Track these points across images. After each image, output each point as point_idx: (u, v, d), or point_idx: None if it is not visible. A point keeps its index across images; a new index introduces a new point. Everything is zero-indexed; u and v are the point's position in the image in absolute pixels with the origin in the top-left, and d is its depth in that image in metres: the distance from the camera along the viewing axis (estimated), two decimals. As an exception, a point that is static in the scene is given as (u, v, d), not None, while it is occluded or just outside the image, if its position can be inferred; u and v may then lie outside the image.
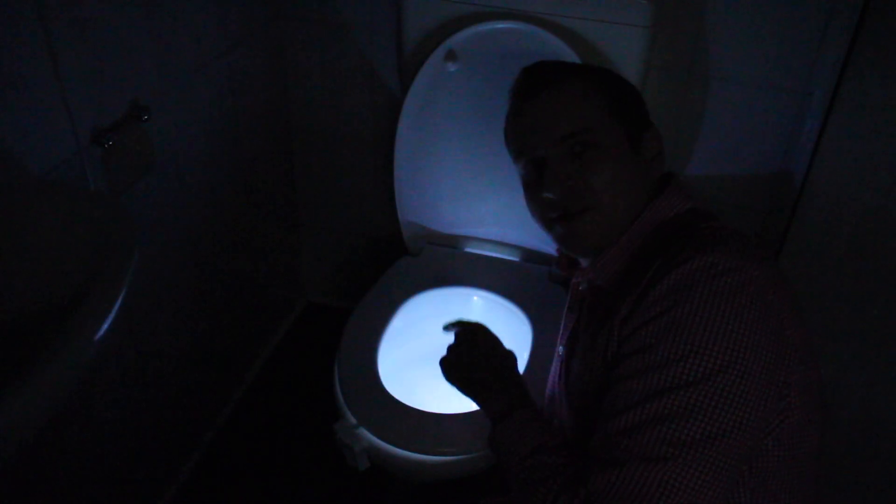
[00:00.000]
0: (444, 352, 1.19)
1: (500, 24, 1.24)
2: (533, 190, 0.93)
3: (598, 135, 0.88)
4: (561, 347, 1.02)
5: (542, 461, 0.86)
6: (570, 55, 1.21)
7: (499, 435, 0.95)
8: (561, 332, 1.05)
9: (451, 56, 1.27)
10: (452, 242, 1.50)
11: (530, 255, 1.46)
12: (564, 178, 0.88)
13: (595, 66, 0.98)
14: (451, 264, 1.44)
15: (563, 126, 0.89)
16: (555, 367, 1.06)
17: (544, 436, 0.90)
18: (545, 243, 1.42)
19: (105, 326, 0.70)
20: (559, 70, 0.94)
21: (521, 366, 1.18)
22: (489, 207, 1.44)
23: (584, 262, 0.97)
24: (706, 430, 0.73)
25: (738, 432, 0.74)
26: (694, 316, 0.75)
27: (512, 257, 1.47)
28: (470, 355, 1.06)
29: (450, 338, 1.13)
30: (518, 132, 0.94)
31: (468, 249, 1.49)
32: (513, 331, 1.32)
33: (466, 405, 1.12)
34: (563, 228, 0.91)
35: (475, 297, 1.39)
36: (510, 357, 1.08)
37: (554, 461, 0.86)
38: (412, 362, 1.31)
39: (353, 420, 1.09)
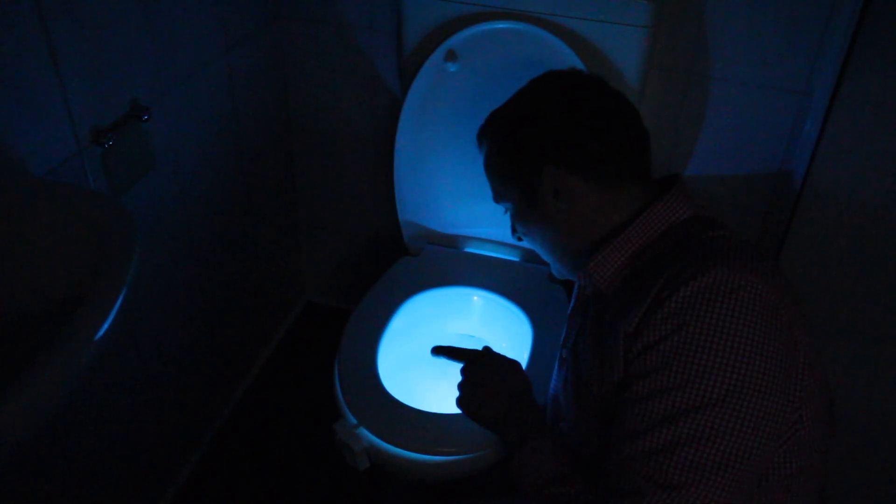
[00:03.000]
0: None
1: (500, 24, 1.24)
2: None
3: (505, 197, 1.01)
4: (564, 350, 1.02)
5: (558, 492, 0.86)
6: (569, 55, 1.21)
7: (515, 464, 0.95)
8: (564, 335, 1.05)
9: (451, 56, 1.27)
10: (452, 242, 1.50)
11: (530, 255, 1.46)
12: (514, 227, 1.04)
13: (507, 107, 1.00)
14: (451, 264, 1.44)
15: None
16: (557, 370, 1.05)
17: (559, 464, 0.90)
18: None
19: (105, 326, 0.70)
20: (482, 132, 1.03)
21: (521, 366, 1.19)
22: (489, 207, 1.43)
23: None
24: (725, 452, 0.73)
25: (756, 452, 0.74)
26: (705, 336, 0.74)
27: (512, 257, 1.47)
28: (476, 393, 1.05)
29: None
30: None
31: (468, 249, 1.49)
32: (513, 331, 1.32)
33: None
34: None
35: (475, 297, 1.39)
36: (516, 375, 1.07)
37: (568, 491, 0.86)
38: (412, 362, 1.31)
39: (353, 420, 1.09)
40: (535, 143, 0.92)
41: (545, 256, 1.02)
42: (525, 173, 0.93)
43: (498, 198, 1.03)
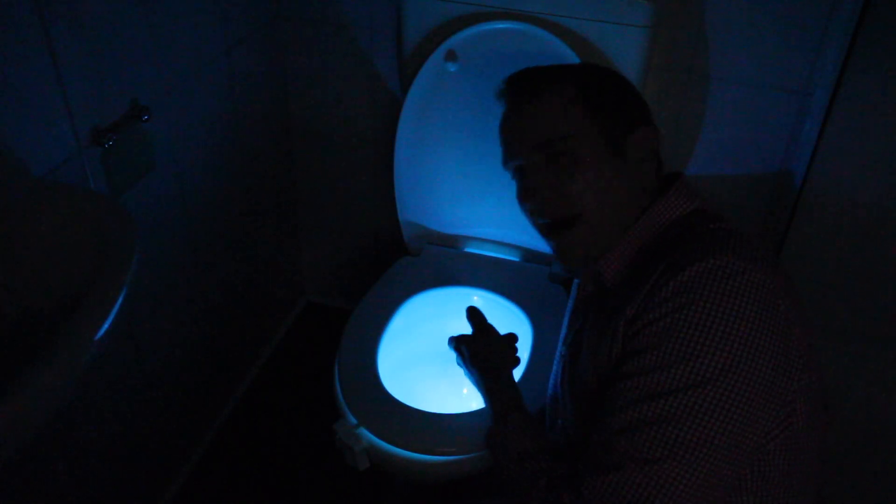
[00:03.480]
0: (444, 352, 1.20)
1: (500, 25, 1.24)
2: (518, 198, 0.96)
3: (571, 142, 0.88)
4: (563, 348, 1.02)
5: (538, 467, 0.87)
6: (569, 55, 1.21)
7: (493, 436, 0.97)
8: (563, 332, 1.05)
9: (451, 56, 1.28)
10: (452, 242, 1.50)
11: (530, 255, 1.46)
12: (540, 187, 0.90)
13: (580, 65, 0.98)
14: (451, 264, 1.44)
15: (537, 134, 0.90)
16: (556, 368, 1.06)
17: (536, 440, 0.91)
18: (545, 243, 1.41)
19: (105, 326, 0.70)
20: (538, 78, 0.95)
21: (522, 365, 1.19)
22: (489, 207, 1.44)
23: None
24: (703, 433, 0.73)
25: (737, 436, 0.74)
26: (698, 318, 0.74)
27: (512, 257, 1.47)
28: (475, 350, 1.11)
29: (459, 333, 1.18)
30: (503, 140, 0.96)
31: (468, 249, 1.49)
32: (513, 331, 1.32)
33: (466, 405, 1.12)
34: (555, 241, 0.93)
35: (475, 297, 1.39)
36: (507, 355, 1.12)
37: (540, 466, 0.86)
38: (412, 362, 1.31)
39: (353, 420, 1.09)
40: (636, 103, 0.95)
41: (588, 218, 0.89)
42: (620, 126, 0.90)
43: (554, 142, 0.89)
